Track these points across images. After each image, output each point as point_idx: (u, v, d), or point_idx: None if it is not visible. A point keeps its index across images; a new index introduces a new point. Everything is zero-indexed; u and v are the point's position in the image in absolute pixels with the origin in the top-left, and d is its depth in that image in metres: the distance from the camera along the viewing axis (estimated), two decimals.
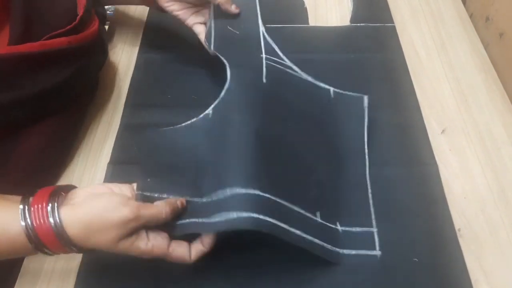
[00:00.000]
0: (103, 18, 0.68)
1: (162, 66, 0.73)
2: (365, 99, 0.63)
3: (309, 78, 0.64)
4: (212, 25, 0.64)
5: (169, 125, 0.63)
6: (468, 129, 0.65)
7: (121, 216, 0.41)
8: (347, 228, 0.53)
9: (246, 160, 0.49)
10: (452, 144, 0.64)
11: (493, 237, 0.54)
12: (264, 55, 0.62)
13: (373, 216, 0.54)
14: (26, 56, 0.49)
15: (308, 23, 0.81)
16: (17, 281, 0.52)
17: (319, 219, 0.51)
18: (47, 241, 0.40)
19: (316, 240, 0.49)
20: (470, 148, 0.63)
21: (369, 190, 0.57)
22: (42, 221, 0.40)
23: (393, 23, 0.81)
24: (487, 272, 0.52)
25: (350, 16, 0.82)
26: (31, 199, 0.42)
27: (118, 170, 0.60)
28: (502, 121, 0.66)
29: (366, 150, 0.60)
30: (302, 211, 0.50)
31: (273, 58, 0.63)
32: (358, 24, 0.81)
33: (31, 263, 0.53)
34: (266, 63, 0.61)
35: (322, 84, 0.64)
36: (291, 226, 0.47)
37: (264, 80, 0.58)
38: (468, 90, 0.70)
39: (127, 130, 0.64)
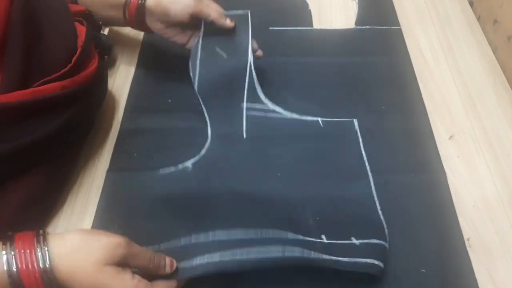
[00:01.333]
0: (107, 48, 0.64)
1: (162, 70, 0.72)
2: (355, 122, 0.63)
3: (294, 115, 0.63)
4: (199, 48, 0.62)
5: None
6: (477, 135, 0.64)
7: (112, 240, 0.41)
8: (365, 241, 0.51)
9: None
10: (460, 151, 0.62)
11: (504, 247, 0.53)
12: (245, 104, 0.62)
13: (386, 232, 0.52)
14: (16, 106, 0.44)
15: (312, 26, 0.80)
16: None
17: (325, 240, 0.50)
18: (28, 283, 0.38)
19: (325, 256, 0.48)
20: (479, 155, 0.62)
21: (378, 208, 0.54)
22: (30, 265, 0.38)
23: (399, 25, 0.80)
24: (497, 284, 0.50)
25: (355, 18, 0.81)
26: (13, 242, 0.40)
27: (118, 178, 0.58)
28: (511, 126, 0.65)
29: (368, 168, 0.58)
30: (302, 237, 0.50)
31: (254, 106, 0.62)
32: (363, 27, 0.80)
33: None
34: (247, 115, 0.61)
35: (309, 118, 0.63)
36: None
37: (245, 135, 0.59)
38: (476, 95, 0.69)
39: (127, 135, 0.63)
